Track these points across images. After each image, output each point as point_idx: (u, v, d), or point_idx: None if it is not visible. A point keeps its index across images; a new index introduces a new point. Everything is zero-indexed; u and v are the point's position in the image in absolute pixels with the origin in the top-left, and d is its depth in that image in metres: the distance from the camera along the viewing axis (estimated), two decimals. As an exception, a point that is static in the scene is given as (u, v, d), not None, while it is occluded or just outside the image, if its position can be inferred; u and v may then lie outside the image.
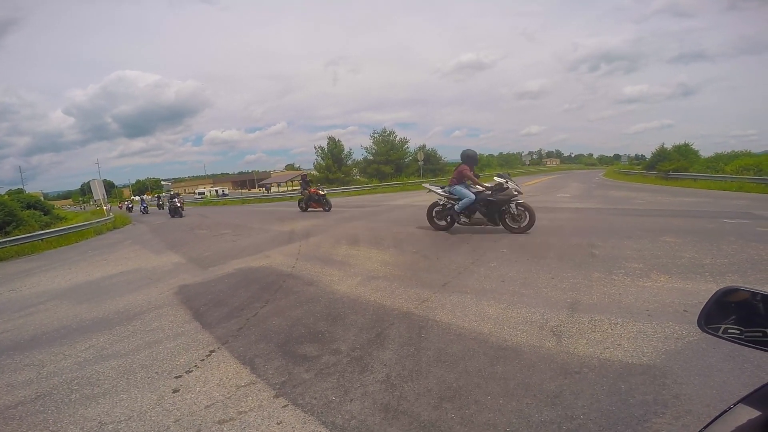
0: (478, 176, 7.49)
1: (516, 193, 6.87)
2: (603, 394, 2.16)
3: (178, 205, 19.58)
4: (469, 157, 7.53)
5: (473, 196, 7.14)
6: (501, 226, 7.11)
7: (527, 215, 6.95)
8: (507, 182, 6.96)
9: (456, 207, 7.32)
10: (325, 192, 15.02)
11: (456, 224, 7.70)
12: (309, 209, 14.64)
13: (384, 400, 2.29)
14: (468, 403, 2.19)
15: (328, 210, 13.98)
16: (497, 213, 7.06)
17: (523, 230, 6.90)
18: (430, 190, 8.07)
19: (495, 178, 7.20)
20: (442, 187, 7.87)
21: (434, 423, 2.04)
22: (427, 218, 8.05)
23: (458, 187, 7.35)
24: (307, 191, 14.77)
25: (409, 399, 2.28)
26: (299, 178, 18.09)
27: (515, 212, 6.94)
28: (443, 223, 7.83)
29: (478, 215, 7.36)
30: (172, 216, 19.44)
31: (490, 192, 7.06)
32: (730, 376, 2.23)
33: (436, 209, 7.94)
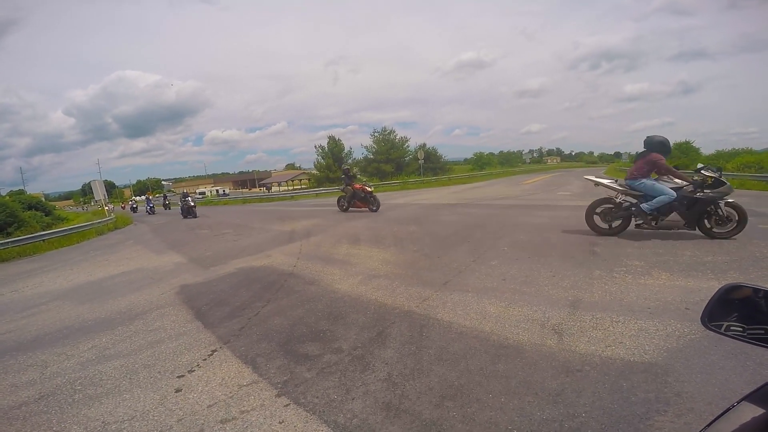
0: (677, 168, 6.10)
1: (731, 190, 5.60)
2: (605, 392, 2.16)
3: (192, 204, 18.28)
4: (662, 144, 5.91)
5: (673, 193, 5.66)
6: (698, 231, 5.70)
7: (736, 216, 5.52)
8: (720, 175, 5.58)
9: (644, 206, 5.80)
10: (372, 188, 12.85)
11: (634, 227, 6.19)
12: (351, 209, 12.60)
13: (386, 399, 2.29)
14: (470, 401, 2.20)
15: (376, 210, 11.95)
16: (701, 214, 5.65)
17: (729, 235, 5.51)
18: (598, 183, 6.53)
19: (702, 171, 5.66)
20: (614, 180, 6.57)
21: (436, 421, 2.05)
22: (586, 220, 6.39)
23: (648, 181, 5.87)
24: (350, 187, 12.59)
25: (411, 397, 2.28)
26: (341, 173, 14.60)
27: (724, 213, 5.53)
28: (612, 225, 6.25)
29: (674, 216, 5.85)
30: (185, 216, 17.97)
31: (692, 188, 5.63)
32: (732, 373, 2.22)
33: (602, 208, 6.32)
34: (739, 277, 3.89)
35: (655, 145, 5.92)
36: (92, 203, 41.74)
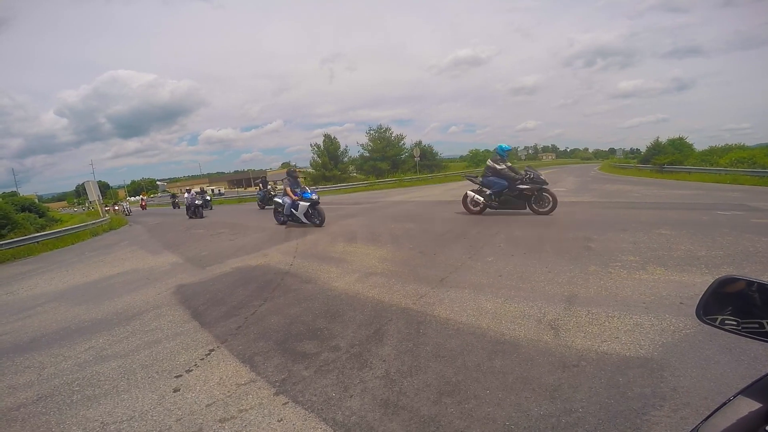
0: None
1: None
2: (601, 387, 2.18)
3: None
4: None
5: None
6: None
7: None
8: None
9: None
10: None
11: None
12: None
13: (383, 396, 2.30)
14: (467, 397, 2.21)
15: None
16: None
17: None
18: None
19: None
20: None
21: (434, 418, 2.06)
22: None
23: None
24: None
25: (409, 394, 2.29)
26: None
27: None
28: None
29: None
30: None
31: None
32: (727, 368, 2.25)
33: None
34: (733, 271, 3.92)
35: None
36: (86, 204, 41.08)
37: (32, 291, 6.42)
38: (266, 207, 16.77)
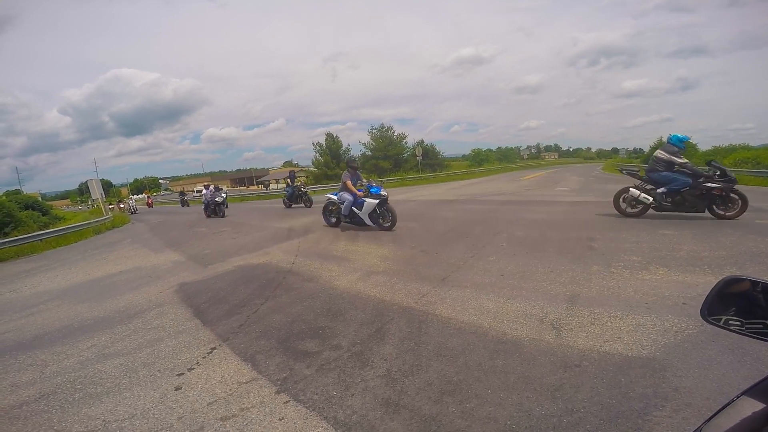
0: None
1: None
2: (603, 387, 2.17)
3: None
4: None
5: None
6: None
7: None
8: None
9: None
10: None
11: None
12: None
13: (385, 395, 2.30)
14: (468, 396, 2.21)
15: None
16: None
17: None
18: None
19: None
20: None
21: (435, 417, 2.06)
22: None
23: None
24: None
25: (410, 393, 2.29)
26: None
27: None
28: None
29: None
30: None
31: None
32: (730, 368, 2.24)
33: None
34: (736, 272, 3.90)
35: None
36: (90, 202, 40.84)
37: (35, 289, 6.45)
38: (294, 206, 15.60)
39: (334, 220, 9.17)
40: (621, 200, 7.48)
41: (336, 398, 2.32)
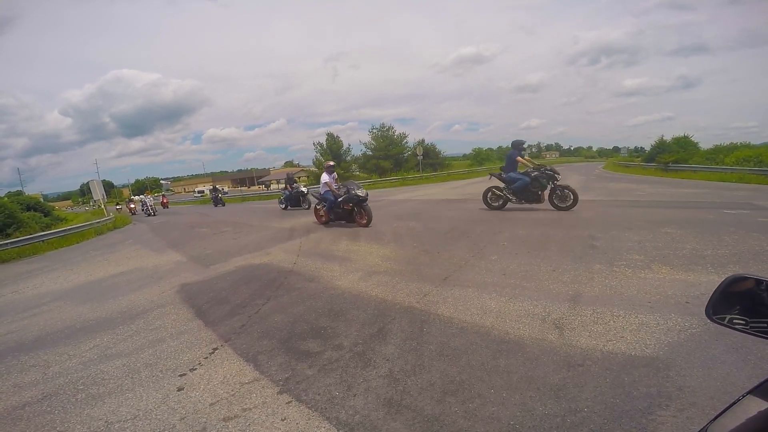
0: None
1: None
2: (606, 386, 2.16)
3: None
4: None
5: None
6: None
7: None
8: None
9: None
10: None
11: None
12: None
13: (387, 395, 2.30)
14: (471, 396, 2.20)
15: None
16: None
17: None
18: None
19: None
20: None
21: (438, 417, 2.05)
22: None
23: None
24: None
25: (412, 393, 2.29)
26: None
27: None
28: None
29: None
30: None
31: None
32: (734, 367, 2.23)
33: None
34: (739, 271, 3.88)
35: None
36: (91, 203, 40.39)
37: (37, 290, 6.46)
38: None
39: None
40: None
41: (338, 398, 2.32)
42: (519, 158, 8.99)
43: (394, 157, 34.47)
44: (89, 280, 6.63)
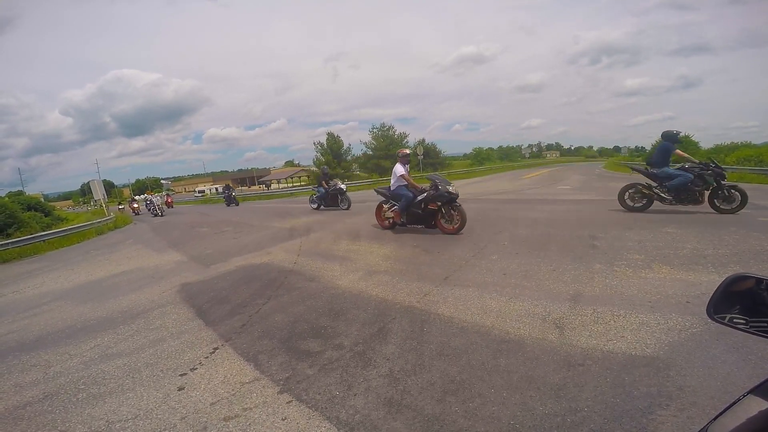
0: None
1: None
2: (607, 386, 2.16)
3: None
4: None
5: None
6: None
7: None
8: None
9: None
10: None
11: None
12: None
13: (387, 395, 2.30)
14: (471, 396, 2.20)
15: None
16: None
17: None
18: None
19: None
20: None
21: (438, 417, 2.05)
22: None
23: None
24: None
25: (413, 393, 2.29)
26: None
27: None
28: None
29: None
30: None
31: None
32: (734, 367, 2.23)
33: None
34: (740, 270, 3.88)
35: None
36: (92, 203, 40.05)
37: (38, 289, 6.47)
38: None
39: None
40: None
41: (339, 398, 2.32)
42: (679, 151, 7.33)
43: (394, 157, 34.45)
44: (90, 280, 6.64)
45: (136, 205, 25.73)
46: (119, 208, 26.40)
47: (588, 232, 6.07)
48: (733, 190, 7.03)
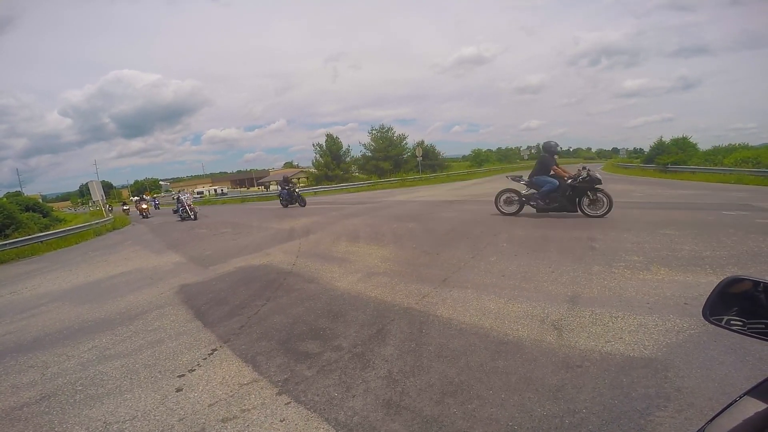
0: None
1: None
2: (605, 387, 2.17)
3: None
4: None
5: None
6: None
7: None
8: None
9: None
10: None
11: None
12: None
13: (386, 396, 2.30)
14: (470, 397, 2.20)
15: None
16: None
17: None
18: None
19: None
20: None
21: (436, 418, 2.05)
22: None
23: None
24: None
25: (411, 394, 2.29)
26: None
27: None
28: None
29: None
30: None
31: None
32: (732, 368, 2.23)
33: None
34: (738, 272, 3.90)
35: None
36: (90, 204, 39.75)
37: (36, 290, 6.45)
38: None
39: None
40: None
41: (337, 399, 2.32)
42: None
43: (393, 158, 34.45)
44: (88, 281, 6.62)
45: (144, 206, 21.94)
46: (124, 209, 25.90)
47: (587, 233, 6.09)
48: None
